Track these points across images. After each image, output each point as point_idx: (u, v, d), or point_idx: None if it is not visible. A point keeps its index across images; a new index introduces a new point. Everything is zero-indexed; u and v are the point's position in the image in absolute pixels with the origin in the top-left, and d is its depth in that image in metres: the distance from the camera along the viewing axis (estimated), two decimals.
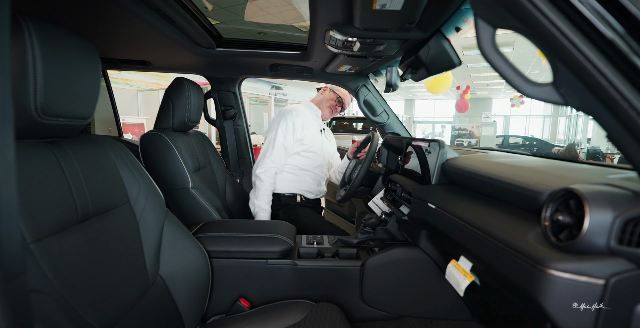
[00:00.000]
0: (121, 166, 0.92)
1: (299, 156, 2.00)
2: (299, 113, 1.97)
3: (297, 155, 2.00)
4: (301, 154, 2.00)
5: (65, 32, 0.72)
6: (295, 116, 1.95)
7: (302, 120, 1.97)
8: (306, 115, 2.01)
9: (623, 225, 0.51)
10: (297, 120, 1.95)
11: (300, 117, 1.96)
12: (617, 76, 0.45)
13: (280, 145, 1.93)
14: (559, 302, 0.53)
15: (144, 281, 0.89)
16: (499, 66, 0.52)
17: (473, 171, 0.95)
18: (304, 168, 2.01)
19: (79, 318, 0.67)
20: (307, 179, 2.03)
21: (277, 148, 1.93)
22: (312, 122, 2.05)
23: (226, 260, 1.31)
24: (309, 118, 2.03)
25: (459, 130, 12.52)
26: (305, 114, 2.02)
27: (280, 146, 1.93)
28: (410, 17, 1.08)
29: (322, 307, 1.07)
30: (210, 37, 1.66)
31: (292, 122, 1.94)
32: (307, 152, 2.01)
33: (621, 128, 0.46)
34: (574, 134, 14.77)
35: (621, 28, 0.45)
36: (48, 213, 0.67)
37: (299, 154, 2.00)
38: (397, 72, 1.62)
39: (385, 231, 1.48)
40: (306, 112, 2.04)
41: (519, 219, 0.71)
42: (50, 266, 0.64)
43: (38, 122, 0.67)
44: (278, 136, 1.93)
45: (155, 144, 1.55)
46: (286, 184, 2.00)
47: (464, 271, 0.89)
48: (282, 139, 1.93)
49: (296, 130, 1.96)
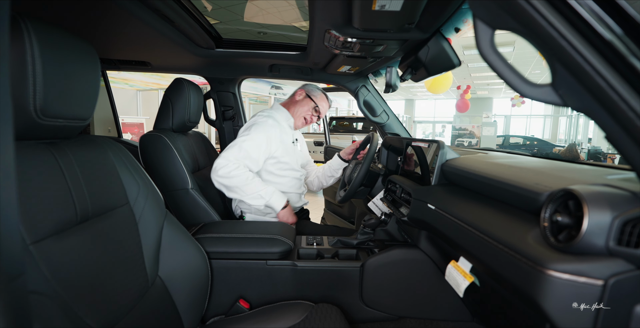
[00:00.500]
0: (120, 167, 0.92)
1: (275, 176, 1.81)
2: (274, 124, 1.76)
3: (272, 175, 1.80)
4: (277, 174, 1.81)
5: (64, 33, 0.72)
6: (271, 127, 1.73)
7: (278, 134, 1.76)
8: (281, 127, 1.81)
9: (622, 226, 0.51)
10: (272, 133, 1.73)
11: (276, 128, 1.76)
12: (615, 77, 0.45)
13: (246, 151, 1.64)
14: (558, 302, 0.53)
15: (143, 282, 0.89)
16: (497, 67, 0.52)
17: (473, 172, 0.95)
18: (285, 191, 1.83)
19: (78, 319, 0.67)
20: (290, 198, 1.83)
21: (244, 151, 1.64)
22: (286, 134, 1.85)
23: (226, 261, 1.31)
24: (283, 130, 1.83)
25: (460, 130, 12.50)
26: (280, 125, 1.81)
27: (245, 152, 1.64)
28: (410, 17, 1.08)
29: (322, 308, 1.07)
30: (210, 37, 1.66)
31: (267, 135, 1.70)
32: (285, 171, 1.83)
33: (620, 129, 0.46)
34: (575, 134, 14.77)
35: (619, 29, 0.45)
36: (47, 214, 0.68)
37: (274, 174, 1.80)
38: (396, 72, 1.62)
39: (385, 232, 1.48)
40: (281, 123, 1.83)
41: (518, 220, 0.71)
42: (50, 267, 0.64)
43: (37, 123, 0.68)
44: (245, 144, 1.64)
45: (154, 144, 1.55)
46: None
47: (463, 272, 0.88)
48: (253, 149, 1.66)
49: (271, 147, 1.73)
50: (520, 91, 0.51)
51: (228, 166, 1.57)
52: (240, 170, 1.58)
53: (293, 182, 1.88)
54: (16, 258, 0.42)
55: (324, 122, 3.15)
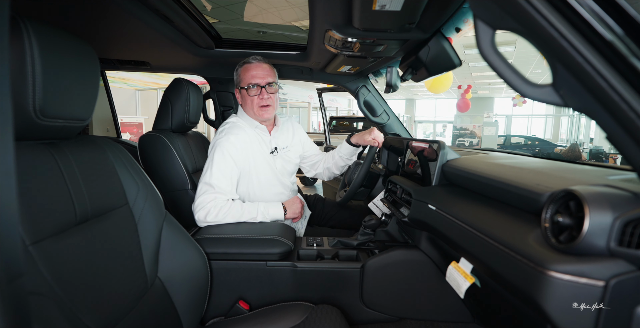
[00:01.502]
0: (120, 168, 0.92)
1: (258, 192, 1.64)
2: (235, 141, 1.53)
3: (254, 191, 1.64)
4: (258, 190, 1.63)
5: (63, 34, 0.72)
6: (232, 146, 1.51)
7: (241, 152, 1.54)
8: (248, 138, 1.58)
9: (623, 227, 0.51)
10: (234, 153, 1.51)
11: (238, 145, 1.53)
12: (616, 78, 0.45)
13: (217, 187, 1.46)
14: (559, 303, 0.53)
15: (143, 283, 0.89)
16: (498, 67, 0.52)
17: (473, 172, 0.94)
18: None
19: (78, 320, 0.67)
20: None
21: (216, 187, 1.46)
22: (257, 146, 1.61)
23: (225, 262, 1.31)
24: (251, 142, 1.59)
25: (461, 129, 12.48)
26: (247, 135, 1.58)
27: (218, 187, 1.46)
28: (410, 17, 1.08)
29: (322, 309, 1.07)
30: (209, 37, 1.66)
31: (230, 156, 1.50)
32: (266, 187, 1.64)
33: (620, 129, 0.47)
34: (577, 134, 14.74)
35: (620, 30, 0.45)
36: (46, 215, 0.68)
37: (257, 190, 1.63)
38: (397, 72, 1.62)
39: (386, 233, 1.48)
40: (247, 131, 1.60)
41: (519, 221, 0.71)
42: (49, 268, 0.64)
43: (36, 123, 0.68)
44: (214, 179, 1.46)
45: (154, 145, 1.55)
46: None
47: (464, 273, 0.88)
48: (223, 181, 1.48)
49: (240, 166, 1.55)
50: (521, 91, 0.51)
51: (210, 212, 1.41)
52: (225, 208, 1.43)
53: (281, 195, 1.71)
54: (16, 259, 0.42)
55: (324, 122, 3.13)
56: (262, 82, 1.56)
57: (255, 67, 1.57)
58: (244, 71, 1.58)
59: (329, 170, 1.91)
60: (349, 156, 1.84)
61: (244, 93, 1.59)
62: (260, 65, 1.58)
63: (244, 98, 1.60)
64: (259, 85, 1.56)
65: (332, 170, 1.90)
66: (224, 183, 1.47)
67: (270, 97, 1.58)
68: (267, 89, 1.57)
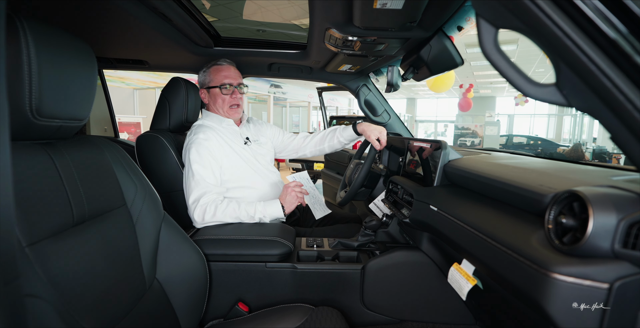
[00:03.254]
0: (117, 168, 0.91)
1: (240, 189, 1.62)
2: (206, 137, 1.53)
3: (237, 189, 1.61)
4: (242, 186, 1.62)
5: (60, 33, 0.72)
6: (205, 141, 1.52)
7: (216, 146, 1.55)
8: (218, 134, 1.59)
9: (627, 228, 0.50)
10: (211, 147, 1.53)
11: (211, 141, 1.54)
12: (620, 77, 0.44)
13: (204, 182, 1.46)
14: (562, 306, 0.53)
15: (141, 285, 0.88)
16: (501, 66, 0.51)
17: (475, 173, 0.94)
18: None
19: (75, 322, 0.66)
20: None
21: (203, 182, 1.46)
22: (229, 140, 1.62)
23: (224, 263, 1.30)
24: (223, 136, 1.60)
25: (462, 129, 12.48)
26: (215, 132, 1.59)
27: (205, 183, 1.46)
28: (412, 16, 1.07)
29: (322, 311, 1.06)
30: (208, 35, 1.65)
31: (207, 151, 1.51)
32: (246, 189, 1.62)
33: (625, 129, 0.46)
34: (580, 133, 14.71)
35: (624, 28, 0.44)
36: (43, 216, 0.67)
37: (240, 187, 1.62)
38: (398, 71, 1.61)
39: (387, 234, 1.47)
40: (216, 128, 1.61)
41: (522, 222, 0.70)
42: (46, 270, 0.64)
43: (33, 123, 0.67)
44: (197, 177, 1.46)
45: (151, 145, 1.54)
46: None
47: (466, 274, 0.88)
48: (207, 176, 1.48)
49: (219, 161, 1.54)
50: (523, 91, 0.51)
51: (207, 211, 1.41)
52: (221, 207, 1.43)
53: (263, 185, 1.68)
54: (12, 261, 0.42)
55: (324, 121, 3.13)
56: (234, 82, 1.64)
57: (227, 68, 1.66)
58: (215, 72, 1.65)
59: (321, 150, 1.92)
60: (348, 141, 1.86)
61: (214, 92, 1.64)
62: (231, 68, 1.67)
63: (213, 97, 1.65)
64: (232, 84, 1.63)
65: (325, 151, 1.92)
66: (209, 178, 1.48)
67: (240, 97, 1.67)
68: (238, 90, 1.65)
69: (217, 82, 1.63)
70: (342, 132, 1.84)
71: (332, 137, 1.87)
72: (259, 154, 1.72)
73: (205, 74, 1.68)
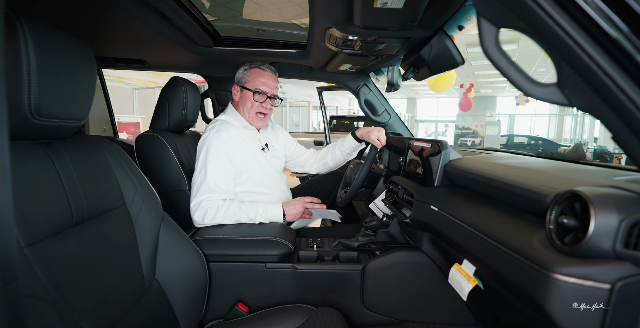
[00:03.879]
0: (117, 168, 0.91)
1: (250, 194, 1.61)
2: (229, 138, 1.51)
3: (248, 193, 1.61)
4: (252, 191, 1.61)
5: (60, 32, 0.71)
6: (226, 143, 1.50)
7: (237, 148, 1.53)
8: (240, 136, 1.57)
9: (629, 229, 0.50)
10: (230, 150, 1.50)
11: (233, 142, 1.52)
12: (622, 76, 0.44)
13: (214, 185, 1.45)
14: (563, 306, 0.52)
15: (140, 285, 0.88)
16: (502, 66, 0.51)
17: (476, 172, 0.93)
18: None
19: (74, 323, 0.66)
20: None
21: (212, 185, 1.45)
22: (249, 143, 1.60)
23: (224, 263, 1.30)
24: (243, 139, 1.58)
25: (463, 129, 12.46)
26: (238, 132, 1.57)
27: (214, 186, 1.45)
28: (412, 15, 1.07)
29: (322, 311, 1.06)
30: (208, 35, 1.65)
31: (225, 154, 1.49)
32: (257, 194, 1.61)
33: (627, 129, 0.46)
34: (581, 133, 14.69)
35: (626, 27, 0.44)
36: (42, 216, 0.67)
37: (250, 192, 1.61)
38: (398, 71, 1.61)
39: (387, 234, 1.47)
40: (239, 129, 1.59)
41: (523, 222, 0.70)
42: (45, 270, 0.64)
43: (32, 122, 0.67)
44: (209, 178, 1.45)
45: (150, 145, 1.54)
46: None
47: (467, 275, 0.87)
48: (220, 180, 1.47)
49: (235, 165, 1.53)
50: (525, 91, 0.51)
51: (208, 213, 1.41)
52: (222, 209, 1.42)
53: (273, 192, 1.67)
54: (11, 261, 0.41)
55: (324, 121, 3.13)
56: (270, 92, 1.60)
57: (269, 76, 1.61)
58: (255, 74, 1.59)
59: (325, 165, 1.92)
60: (350, 151, 1.86)
61: (247, 94, 1.60)
62: (273, 76, 1.62)
63: (244, 98, 1.61)
64: (267, 94, 1.59)
65: (329, 165, 1.91)
66: (221, 182, 1.46)
67: (271, 108, 1.64)
68: (271, 100, 1.62)
69: (253, 85, 1.58)
70: (342, 142, 1.85)
71: (333, 149, 1.88)
72: (273, 161, 1.71)
73: (245, 72, 1.62)
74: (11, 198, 0.40)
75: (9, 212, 0.40)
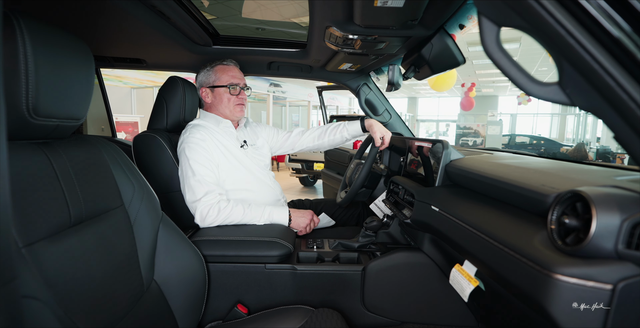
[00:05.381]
0: (115, 168, 0.91)
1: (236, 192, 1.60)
2: (203, 137, 1.52)
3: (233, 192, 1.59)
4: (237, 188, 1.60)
5: (58, 31, 0.71)
6: (202, 141, 1.51)
7: (213, 147, 1.53)
8: (214, 135, 1.57)
9: (631, 229, 0.50)
10: (207, 146, 1.51)
11: (208, 142, 1.52)
12: (624, 76, 0.44)
13: (205, 181, 1.45)
14: (565, 307, 0.52)
15: (139, 286, 0.88)
16: (503, 65, 0.51)
17: (477, 173, 0.93)
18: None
19: (72, 324, 0.66)
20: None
21: (203, 181, 1.45)
22: (227, 141, 1.61)
23: (223, 264, 1.29)
24: (219, 137, 1.59)
25: (464, 129, 12.43)
26: (212, 132, 1.57)
27: (205, 182, 1.45)
28: (413, 14, 1.06)
29: (322, 312, 1.05)
30: (207, 34, 1.64)
31: (204, 149, 1.50)
32: (243, 191, 1.61)
33: (629, 129, 0.46)
34: (583, 133, 14.66)
35: (628, 26, 0.44)
36: (40, 216, 0.67)
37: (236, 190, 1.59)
38: (399, 70, 1.60)
39: (388, 234, 1.46)
40: (214, 129, 1.60)
41: (524, 222, 0.70)
42: (42, 271, 0.63)
43: (30, 122, 0.67)
44: (194, 165, 1.45)
45: (148, 145, 1.53)
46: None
47: (468, 276, 0.87)
48: (206, 174, 1.47)
49: (215, 160, 1.53)
50: (526, 90, 0.50)
51: (209, 214, 1.40)
52: (224, 211, 1.42)
53: (260, 190, 1.67)
54: (8, 262, 0.41)
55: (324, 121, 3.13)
56: (241, 83, 1.67)
57: (233, 69, 1.68)
58: (221, 71, 1.65)
59: (319, 145, 1.93)
60: (350, 137, 1.88)
61: (220, 91, 1.64)
62: (237, 69, 1.69)
63: (218, 97, 1.65)
64: (239, 85, 1.65)
65: (323, 145, 1.92)
66: (208, 176, 1.47)
67: (245, 98, 1.69)
68: (244, 90, 1.69)
69: (224, 82, 1.63)
70: (348, 127, 1.85)
71: (336, 131, 1.87)
72: (255, 158, 1.72)
73: (209, 73, 1.67)
74: (9, 199, 0.40)
75: (6, 212, 0.40)
